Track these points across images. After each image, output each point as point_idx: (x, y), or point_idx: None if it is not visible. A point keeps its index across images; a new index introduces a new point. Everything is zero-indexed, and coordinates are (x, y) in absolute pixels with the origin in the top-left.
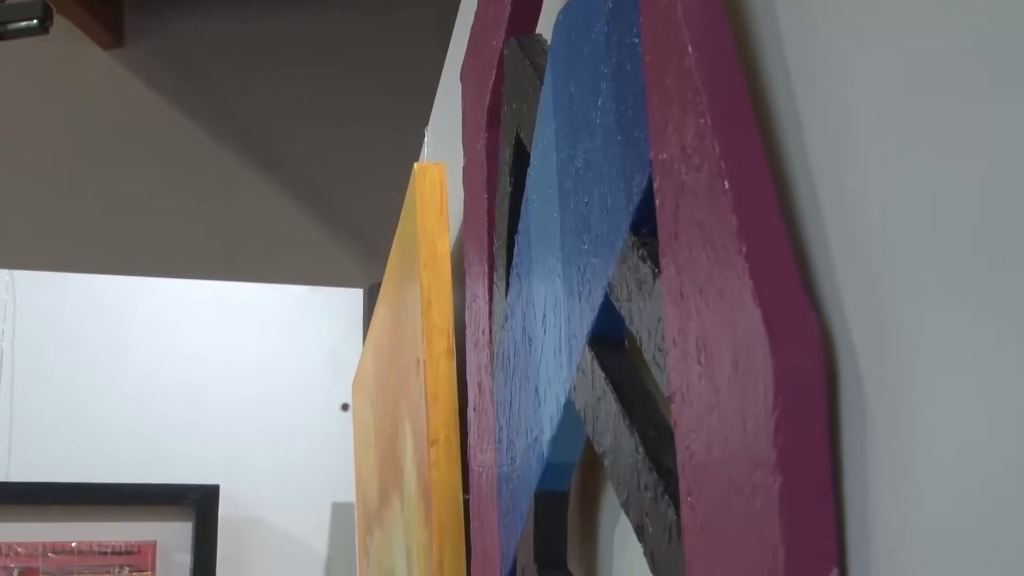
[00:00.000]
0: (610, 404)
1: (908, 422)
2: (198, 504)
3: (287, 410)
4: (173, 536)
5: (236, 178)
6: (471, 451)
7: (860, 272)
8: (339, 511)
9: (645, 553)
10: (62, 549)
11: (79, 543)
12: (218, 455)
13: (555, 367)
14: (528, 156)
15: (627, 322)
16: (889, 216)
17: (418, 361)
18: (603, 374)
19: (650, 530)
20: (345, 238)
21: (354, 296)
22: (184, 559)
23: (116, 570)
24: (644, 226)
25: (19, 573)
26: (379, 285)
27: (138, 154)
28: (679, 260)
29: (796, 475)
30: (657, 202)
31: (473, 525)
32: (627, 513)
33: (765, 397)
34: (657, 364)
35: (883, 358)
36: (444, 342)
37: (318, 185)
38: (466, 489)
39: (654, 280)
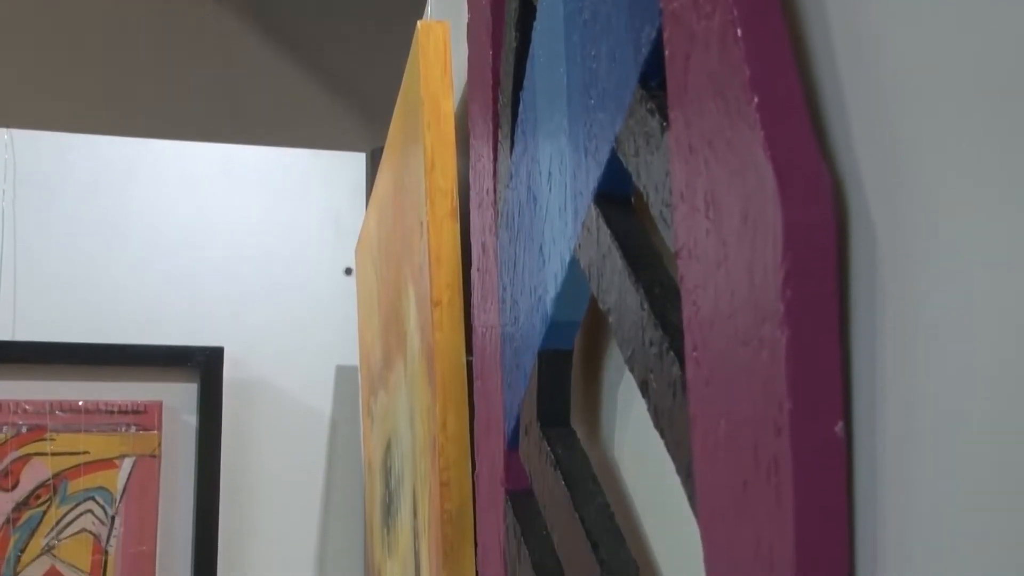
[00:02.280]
0: (615, 261)
1: (920, 279)
2: (203, 365)
3: (290, 274)
4: (178, 397)
5: (237, 40)
6: (475, 312)
7: (876, 124)
8: (343, 374)
9: (649, 409)
10: (69, 407)
11: (86, 402)
12: (222, 318)
13: (560, 225)
14: (534, 10)
15: (634, 178)
16: (907, 67)
17: (421, 223)
18: (609, 231)
19: (654, 386)
20: (347, 101)
21: (357, 160)
22: (190, 419)
23: (123, 428)
24: (653, 79)
25: (27, 430)
26: (382, 149)
27: (139, 14)
28: (688, 113)
29: (804, 328)
30: (667, 53)
31: (476, 385)
32: (631, 370)
33: (774, 250)
34: (664, 220)
35: (896, 213)
36: (448, 203)
37: (320, 46)
38: (469, 351)
39: (662, 134)
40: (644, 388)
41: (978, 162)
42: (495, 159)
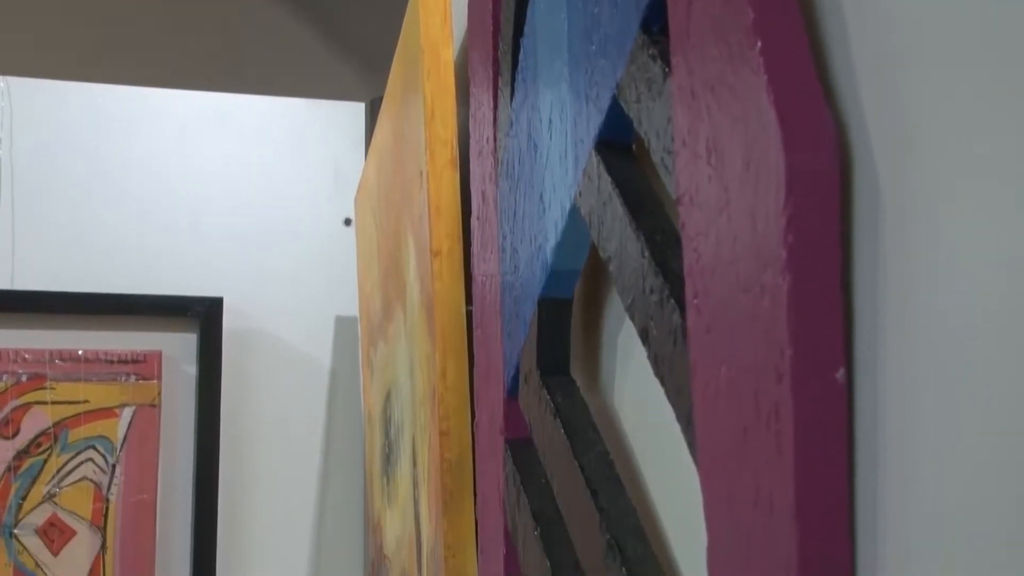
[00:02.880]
0: (616, 209)
1: (924, 225)
2: (202, 315)
3: (289, 224)
4: (178, 347)
5: None
6: (474, 261)
7: (880, 70)
8: (342, 324)
9: (649, 357)
10: (69, 356)
11: (85, 351)
12: (221, 268)
13: (561, 173)
14: None
15: (635, 124)
16: (912, 12)
17: (421, 173)
18: (609, 178)
19: (655, 333)
20: (347, 50)
21: (356, 110)
22: (190, 369)
23: (123, 378)
24: (655, 24)
25: (27, 379)
26: (381, 98)
27: None
28: (691, 58)
29: (806, 275)
30: None
31: (476, 334)
32: (632, 318)
33: (776, 196)
34: (665, 166)
35: (900, 160)
36: (447, 153)
37: None
38: (469, 300)
39: (664, 80)
40: (644, 336)
41: (983, 108)
42: (495, 107)
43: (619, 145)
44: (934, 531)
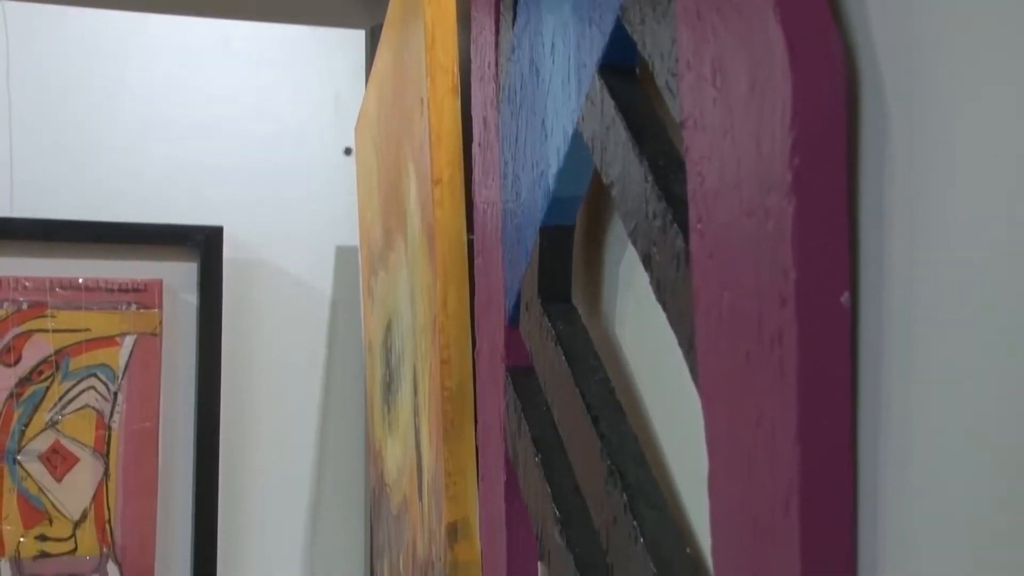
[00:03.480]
0: (619, 133)
1: (932, 147)
2: (202, 245)
3: (289, 153)
4: (178, 276)
5: None
6: (476, 188)
7: None
8: (343, 254)
9: (651, 283)
10: (69, 285)
11: (86, 279)
12: (221, 197)
13: (563, 97)
14: None
15: (639, 47)
16: None
17: (422, 100)
18: (613, 102)
19: (657, 259)
20: None
21: (356, 37)
22: (190, 298)
23: (123, 307)
24: None
25: (28, 306)
26: (381, 26)
27: None
28: None
29: (811, 197)
30: None
31: (477, 262)
32: (634, 243)
33: (782, 118)
34: (669, 89)
35: (908, 81)
36: (448, 80)
37: None
38: (470, 229)
39: (669, 1)
40: (647, 261)
41: (992, 31)
42: (497, 31)
43: (622, 68)
44: (937, 455)
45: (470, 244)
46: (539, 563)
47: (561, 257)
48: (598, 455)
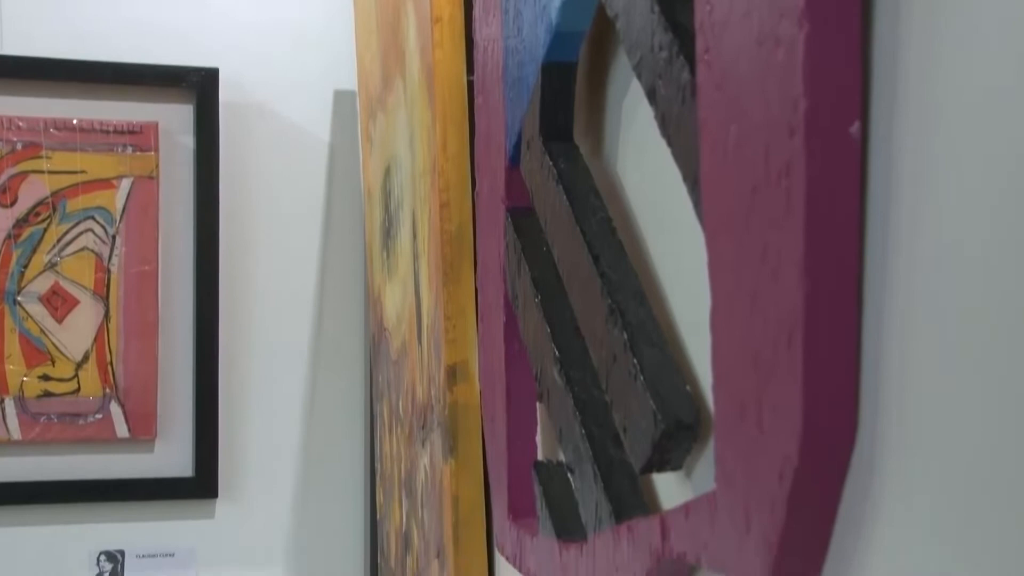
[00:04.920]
0: None
1: None
2: (198, 87)
3: None
4: (174, 118)
5: None
6: (476, 26)
7: None
8: (341, 98)
9: (656, 117)
10: (64, 126)
11: (80, 120)
12: (216, 38)
13: None
14: None
15: None
16: None
17: None
18: None
19: (662, 92)
20: None
21: None
22: (187, 141)
23: (119, 149)
24: None
25: (22, 147)
26: None
27: None
28: None
29: (823, 23)
30: None
31: (477, 102)
32: (639, 77)
33: None
34: None
35: None
36: None
37: None
38: (470, 70)
39: None
40: (651, 95)
41: None
42: None
43: None
44: (943, 287)
45: (470, 86)
46: (538, 403)
47: (563, 95)
48: (598, 294)
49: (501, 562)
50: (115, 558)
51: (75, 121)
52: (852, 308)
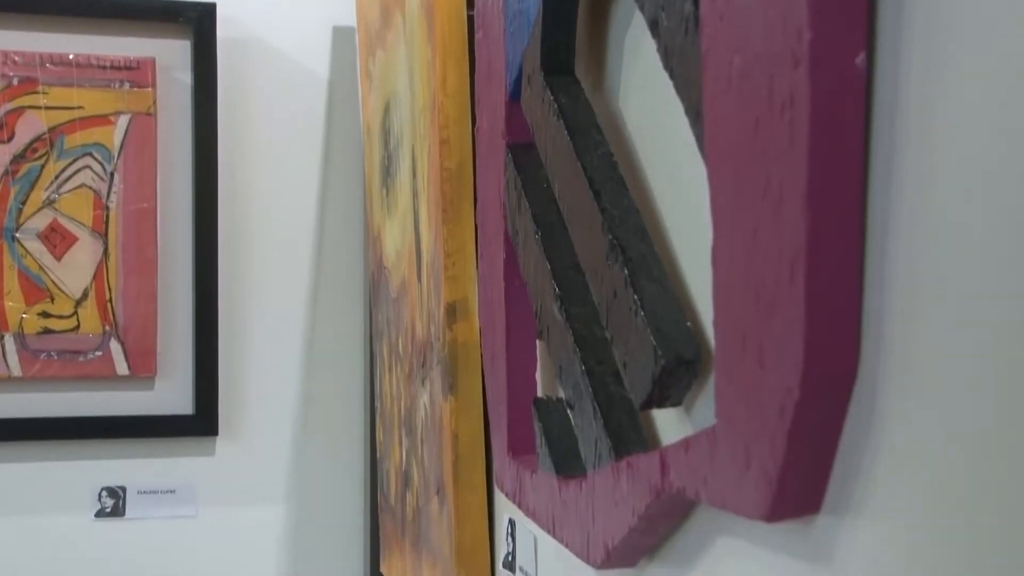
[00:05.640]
0: None
1: None
2: (195, 22)
3: None
4: (171, 54)
5: None
6: None
7: None
8: (340, 35)
9: (658, 50)
10: (60, 61)
11: (76, 55)
12: None
13: None
14: None
15: None
16: None
17: None
18: None
19: (665, 24)
20: None
21: None
22: (184, 77)
23: (116, 85)
24: None
25: (18, 82)
26: None
27: None
28: None
29: None
30: None
31: (477, 37)
32: (641, 8)
33: None
34: None
35: None
36: None
37: None
38: (470, 5)
39: None
40: (654, 27)
41: None
42: None
43: None
44: (949, 220)
45: (470, 20)
46: (537, 340)
47: (564, 29)
48: (599, 230)
49: (500, 499)
50: (117, 494)
51: (71, 56)
52: (855, 241)
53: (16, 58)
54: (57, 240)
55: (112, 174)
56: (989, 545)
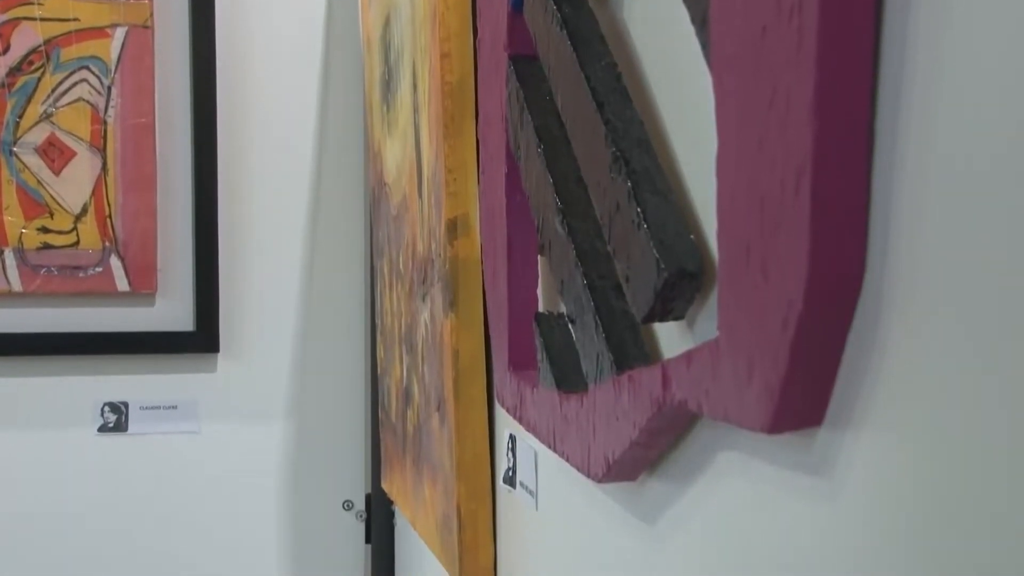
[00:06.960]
0: None
1: None
2: None
3: None
4: None
5: None
6: None
7: None
8: None
9: None
10: None
11: None
12: None
13: None
14: None
15: None
16: None
17: None
18: None
19: None
20: None
21: None
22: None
23: None
24: None
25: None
26: None
27: None
28: None
29: None
30: None
31: None
32: None
33: None
34: None
35: None
36: None
37: None
38: None
39: None
40: None
41: None
42: None
43: None
44: (959, 135)
45: None
46: (539, 256)
47: None
48: (602, 142)
49: (501, 414)
50: (119, 409)
51: None
52: (862, 152)
53: None
54: (55, 155)
55: (109, 88)
56: (991, 460)
